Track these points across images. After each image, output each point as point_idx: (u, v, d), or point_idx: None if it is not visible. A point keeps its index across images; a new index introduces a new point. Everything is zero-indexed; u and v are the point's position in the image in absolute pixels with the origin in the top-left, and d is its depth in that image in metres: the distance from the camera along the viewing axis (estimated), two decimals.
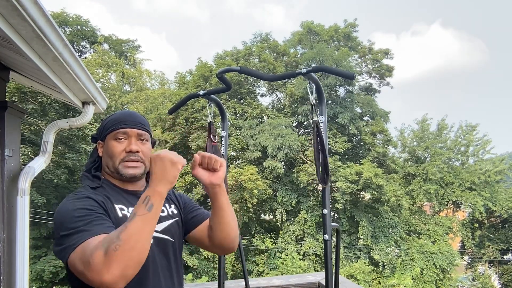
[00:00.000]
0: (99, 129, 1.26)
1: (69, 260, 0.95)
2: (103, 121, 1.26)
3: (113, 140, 1.21)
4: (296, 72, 1.78)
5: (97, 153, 1.26)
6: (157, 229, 1.18)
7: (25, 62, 1.92)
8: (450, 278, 20.09)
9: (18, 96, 13.61)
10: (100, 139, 1.26)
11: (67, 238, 0.98)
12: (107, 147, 1.22)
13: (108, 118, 1.26)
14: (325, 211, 1.77)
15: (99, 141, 1.26)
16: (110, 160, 1.21)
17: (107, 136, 1.22)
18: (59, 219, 1.04)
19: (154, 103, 26.06)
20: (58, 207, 1.08)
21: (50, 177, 15.39)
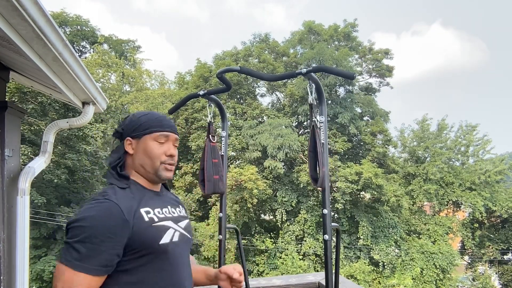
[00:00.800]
0: (130, 125, 1.23)
1: (56, 266, 1.00)
2: (136, 119, 1.24)
3: (154, 141, 1.22)
4: (296, 72, 1.77)
5: (123, 149, 1.23)
6: (181, 226, 1.25)
7: (25, 62, 1.91)
8: (450, 278, 20.08)
9: (18, 96, 13.61)
10: (129, 136, 1.23)
11: (65, 249, 1.02)
12: (146, 147, 1.21)
13: (143, 117, 1.24)
14: (325, 211, 1.77)
15: (129, 138, 1.23)
16: (149, 160, 1.21)
17: (146, 136, 1.22)
18: (75, 228, 1.04)
19: (154, 103, 26.05)
20: (84, 212, 1.06)
21: (50, 177, 15.38)
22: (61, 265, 1.01)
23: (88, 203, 1.09)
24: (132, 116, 1.26)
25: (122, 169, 1.22)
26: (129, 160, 1.23)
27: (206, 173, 2.05)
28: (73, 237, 1.02)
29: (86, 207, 1.07)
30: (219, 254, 2.19)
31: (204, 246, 18.02)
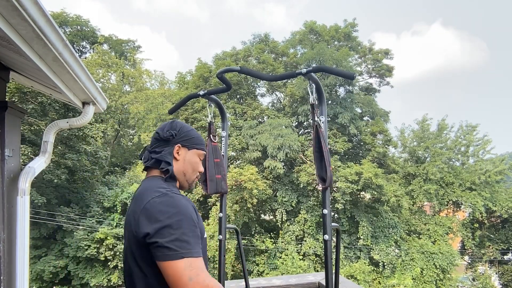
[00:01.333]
0: (182, 134, 1.33)
1: (173, 263, 1.03)
2: (187, 131, 1.35)
3: (198, 157, 1.38)
4: (296, 72, 1.78)
5: (171, 153, 1.31)
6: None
7: (25, 62, 1.91)
8: (450, 278, 20.08)
9: (18, 96, 13.62)
10: (180, 143, 1.32)
11: (181, 243, 1.06)
12: (193, 160, 1.35)
13: (192, 132, 1.37)
14: (325, 211, 1.77)
15: (179, 145, 1.32)
16: (191, 172, 1.36)
17: (195, 150, 1.36)
18: (179, 221, 1.08)
19: (154, 103, 26.07)
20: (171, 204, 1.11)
21: (50, 177, 15.39)
22: (187, 259, 1.04)
23: (164, 197, 1.14)
24: (182, 126, 1.36)
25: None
26: (177, 167, 1.33)
27: (208, 173, 2.06)
28: (177, 231, 1.07)
29: (170, 202, 1.12)
30: (219, 254, 2.20)
31: None
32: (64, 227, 16.32)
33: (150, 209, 1.11)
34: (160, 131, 1.32)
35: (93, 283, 15.92)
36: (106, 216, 17.19)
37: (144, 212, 1.11)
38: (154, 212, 1.09)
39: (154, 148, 1.31)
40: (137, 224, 1.11)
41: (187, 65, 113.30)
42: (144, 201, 1.14)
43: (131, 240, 1.14)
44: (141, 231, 1.09)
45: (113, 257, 15.97)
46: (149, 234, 1.06)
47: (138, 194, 1.23)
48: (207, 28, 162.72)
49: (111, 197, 17.43)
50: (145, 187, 1.23)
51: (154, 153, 1.29)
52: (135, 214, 1.14)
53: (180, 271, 1.03)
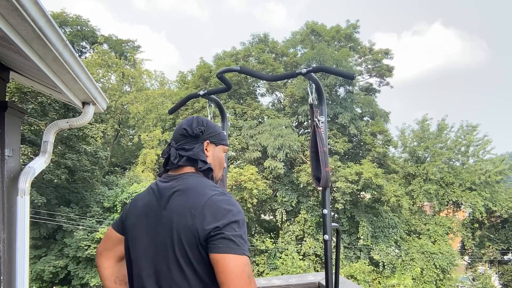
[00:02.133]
0: (211, 130, 1.30)
1: (236, 257, 1.04)
2: (214, 126, 1.33)
3: (223, 153, 1.37)
4: (296, 72, 1.78)
5: (202, 149, 1.27)
6: None
7: (25, 62, 1.91)
8: (450, 278, 20.08)
9: (18, 96, 13.62)
10: (209, 140, 1.30)
11: (244, 242, 1.08)
12: (220, 155, 1.34)
13: (218, 128, 1.35)
14: (325, 211, 1.77)
15: (208, 141, 1.29)
16: (218, 167, 1.35)
17: (221, 146, 1.35)
18: (243, 221, 1.11)
19: (154, 103, 26.06)
20: (234, 204, 1.13)
21: (50, 177, 15.39)
22: (247, 257, 1.06)
23: (224, 196, 1.14)
24: (208, 121, 1.33)
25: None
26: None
27: None
28: (241, 229, 1.09)
29: (233, 201, 1.14)
30: None
31: None
32: (64, 227, 16.31)
33: (215, 204, 1.09)
34: (187, 127, 1.26)
35: (93, 283, 15.91)
36: (106, 216, 17.19)
37: (208, 207, 1.08)
38: (221, 208, 1.08)
39: (182, 145, 1.24)
40: (201, 218, 1.07)
41: (187, 64, 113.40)
42: (205, 196, 1.11)
43: (184, 235, 1.08)
44: (207, 225, 1.05)
45: None
46: (217, 227, 1.05)
47: (186, 188, 1.16)
48: (207, 28, 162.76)
49: (111, 197, 17.43)
50: (194, 183, 1.17)
51: (183, 150, 1.23)
52: (193, 209, 1.09)
53: (242, 267, 1.03)
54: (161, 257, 1.12)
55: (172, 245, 1.09)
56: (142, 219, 1.21)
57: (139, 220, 1.22)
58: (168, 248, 1.10)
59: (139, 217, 1.22)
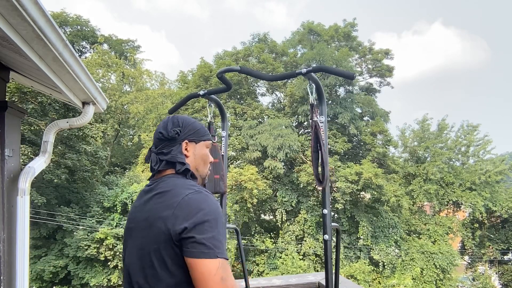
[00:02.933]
0: (187, 129, 1.28)
1: (207, 261, 1.03)
2: (192, 123, 1.30)
3: (206, 148, 1.34)
4: (296, 72, 1.78)
5: (180, 151, 1.25)
6: None
7: (25, 62, 1.91)
8: (450, 278, 20.08)
9: (18, 96, 13.61)
10: (187, 139, 1.27)
11: (217, 242, 1.06)
12: (202, 153, 1.32)
13: (197, 124, 1.32)
14: (325, 211, 1.78)
15: (186, 141, 1.27)
16: (203, 165, 1.33)
17: (202, 143, 1.32)
18: (216, 220, 1.09)
19: (154, 103, 26.07)
20: (208, 202, 1.11)
21: (50, 177, 15.39)
22: (220, 259, 1.05)
23: (199, 194, 1.13)
24: (184, 120, 1.29)
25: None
26: (188, 163, 1.28)
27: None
28: (214, 230, 1.06)
29: (207, 199, 1.12)
30: None
31: None
32: (64, 227, 16.32)
33: (187, 204, 1.09)
34: (163, 130, 1.25)
35: (93, 283, 15.91)
36: (106, 216, 17.19)
37: (180, 207, 1.08)
38: (192, 207, 1.08)
39: (161, 149, 1.24)
40: (172, 219, 1.07)
41: (187, 64, 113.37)
42: (178, 197, 1.11)
43: (158, 237, 1.09)
44: (178, 225, 1.05)
45: (113, 257, 15.97)
46: (186, 228, 1.04)
47: (164, 191, 1.16)
48: (207, 27, 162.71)
49: (111, 197, 17.43)
50: (172, 184, 1.18)
51: (162, 155, 1.23)
52: (167, 210, 1.09)
53: (214, 271, 1.02)
54: (145, 260, 1.13)
55: (151, 247, 1.10)
56: (131, 224, 1.23)
57: (129, 225, 1.24)
58: (150, 251, 1.11)
59: (129, 222, 1.25)
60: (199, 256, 1.03)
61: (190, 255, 1.03)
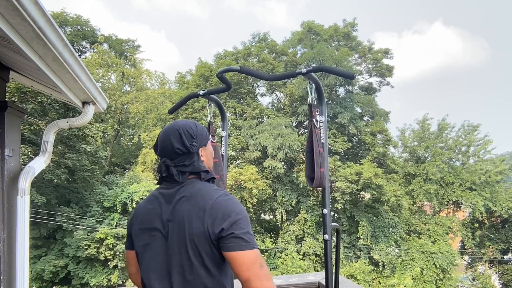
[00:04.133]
0: (201, 136, 1.35)
1: (248, 252, 1.17)
2: (201, 128, 1.38)
3: (211, 145, 1.46)
4: (296, 72, 1.78)
5: (198, 157, 1.33)
6: None
7: (25, 62, 1.91)
8: (450, 278, 20.08)
9: (18, 96, 13.61)
10: (201, 146, 1.36)
11: (251, 236, 1.20)
12: (211, 151, 1.44)
13: (200, 126, 1.39)
14: (325, 211, 1.78)
15: (201, 148, 1.36)
16: (212, 160, 1.44)
17: (208, 142, 1.42)
18: (246, 217, 1.23)
19: (154, 103, 26.07)
20: (238, 206, 1.23)
21: (50, 177, 15.39)
22: (256, 249, 1.20)
23: (227, 196, 1.25)
24: (197, 129, 1.35)
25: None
26: (204, 164, 1.39)
27: None
28: (247, 226, 1.21)
29: (234, 201, 1.25)
30: None
31: None
32: (64, 227, 16.32)
33: (220, 206, 1.20)
34: (180, 146, 1.28)
35: (93, 282, 15.92)
36: (106, 216, 17.19)
37: (214, 209, 1.19)
38: (225, 209, 1.19)
39: (180, 162, 1.28)
40: (208, 220, 1.18)
41: (187, 63, 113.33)
42: (210, 200, 1.21)
43: (195, 237, 1.18)
44: (216, 226, 1.17)
45: (113, 257, 15.98)
46: (223, 228, 1.16)
47: (192, 195, 1.24)
48: (207, 27, 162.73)
49: (111, 197, 17.43)
50: (199, 189, 1.26)
51: (183, 167, 1.28)
52: (200, 212, 1.19)
53: (254, 259, 1.17)
54: (173, 260, 1.21)
55: (185, 247, 1.19)
56: (147, 226, 1.28)
57: (144, 227, 1.29)
58: (181, 250, 1.20)
59: (143, 224, 1.30)
60: (240, 249, 1.16)
61: (232, 249, 1.17)
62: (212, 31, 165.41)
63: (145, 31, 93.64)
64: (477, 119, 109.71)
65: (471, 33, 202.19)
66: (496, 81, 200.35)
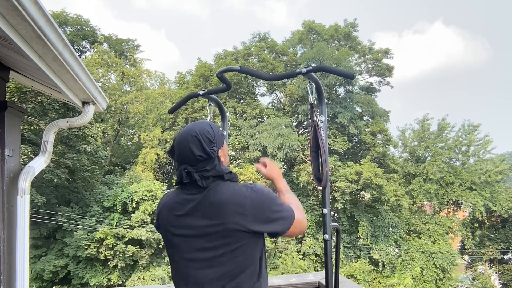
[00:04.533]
0: (219, 140, 1.37)
1: (294, 223, 1.30)
2: (217, 130, 1.39)
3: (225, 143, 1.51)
4: (296, 72, 1.78)
5: (217, 159, 1.34)
6: None
7: (25, 62, 1.91)
8: (450, 277, 20.09)
9: (18, 96, 13.60)
10: (219, 149, 1.37)
11: (285, 211, 1.30)
12: (226, 150, 1.47)
13: (217, 129, 1.41)
14: (325, 210, 1.78)
15: (220, 150, 1.37)
16: (228, 160, 1.49)
17: (224, 140, 1.45)
18: (272, 198, 1.30)
19: (154, 102, 26.05)
20: (261, 191, 1.29)
21: (50, 177, 15.39)
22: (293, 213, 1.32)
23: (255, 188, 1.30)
24: (214, 134, 1.35)
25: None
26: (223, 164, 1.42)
27: None
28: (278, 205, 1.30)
29: (260, 190, 1.30)
30: None
31: None
32: (64, 226, 16.32)
33: (252, 201, 1.25)
34: (202, 153, 1.28)
35: (93, 282, 15.92)
36: (106, 215, 17.19)
37: (249, 206, 1.24)
38: (258, 202, 1.25)
39: (202, 167, 1.29)
40: (248, 216, 1.23)
41: (187, 63, 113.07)
42: (244, 198, 1.25)
43: (235, 234, 1.22)
44: (255, 220, 1.23)
45: (113, 256, 15.98)
46: (262, 219, 1.24)
47: (222, 195, 1.26)
48: (207, 26, 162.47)
49: (111, 196, 17.43)
50: (227, 189, 1.28)
51: (205, 172, 1.29)
52: (238, 208, 1.23)
53: (296, 227, 1.31)
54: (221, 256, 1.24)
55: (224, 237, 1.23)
56: (183, 231, 1.29)
57: (181, 232, 1.30)
58: (218, 241, 1.23)
59: (179, 230, 1.31)
60: (284, 227, 1.28)
61: (279, 229, 1.27)
62: (212, 30, 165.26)
63: (145, 30, 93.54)
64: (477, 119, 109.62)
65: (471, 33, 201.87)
66: (496, 81, 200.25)
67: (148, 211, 16.49)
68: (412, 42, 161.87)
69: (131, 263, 16.42)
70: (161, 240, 16.27)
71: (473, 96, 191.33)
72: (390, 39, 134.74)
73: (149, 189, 16.95)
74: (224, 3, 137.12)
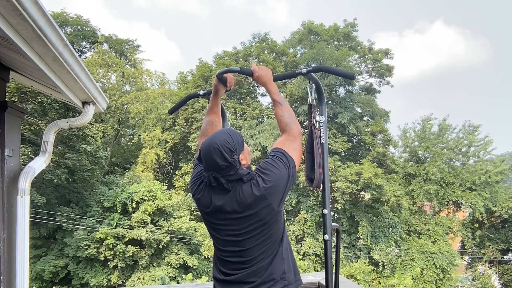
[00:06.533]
0: (239, 146, 1.53)
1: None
2: (238, 135, 1.56)
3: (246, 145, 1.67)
4: (296, 72, 1.78)
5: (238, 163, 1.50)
6: None
7: (25, 62, 1.91)
8: (450, 278, 20.08)
9: (18, 96, 13.60)
10: (240, 154, 1.53)
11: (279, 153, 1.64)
12: (247, 151, 1.63)
13: (237, 135, 1.57)
14: (325, 211, 1.78)
15: (240, 155, 1.53)
16: (250, 159, 1.65)
17: (244, 143, 1.61)
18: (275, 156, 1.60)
19: (154, 103, 26.05)
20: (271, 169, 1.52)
21: (50, 177, 15.39)
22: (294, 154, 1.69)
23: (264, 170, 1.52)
24: (234, 142, 1.50)
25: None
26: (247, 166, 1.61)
27: None
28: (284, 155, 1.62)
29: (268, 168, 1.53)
30: None
31: (204, 246, 18.02)
32: (64, 227, 16.31)
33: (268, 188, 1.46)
34: (224, 162, 1.44)
35: (93, 283, 15.91)
36: (106, 216, 17.19)
37: (267, 190, 1.45)
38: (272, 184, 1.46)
39: (227, 173, 1.46)
40: (271, 195, 1.45)
41: (187, 62, 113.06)
42: (261, 185, 1.46)
43: (264, 213, 1.45)
44: (277, 197, 1.47)
45: (113, 257, 15.97)
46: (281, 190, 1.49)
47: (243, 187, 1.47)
48: (208, 25, 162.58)
49: (111, 197, 17.43)
50: (246, 190, 1.47)
51: (230, 176, 1.47)
52: (259, 192, 1.44)
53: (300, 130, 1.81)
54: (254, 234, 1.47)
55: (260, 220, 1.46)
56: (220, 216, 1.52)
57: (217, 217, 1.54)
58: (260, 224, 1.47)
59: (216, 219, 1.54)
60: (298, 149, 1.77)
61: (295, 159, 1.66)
62: (212, 30, 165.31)
63: (145, 29, 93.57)
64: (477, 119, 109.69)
65: (472, 32, 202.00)
66: (497, 81, 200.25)
67: (148, 211, 16.48)
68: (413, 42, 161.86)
69: (131, 263, 16.42)
70: (161, 240, 16.30)
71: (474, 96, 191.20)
72: (391, 38, 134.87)
73: (149, 189, 16.95)
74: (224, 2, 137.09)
